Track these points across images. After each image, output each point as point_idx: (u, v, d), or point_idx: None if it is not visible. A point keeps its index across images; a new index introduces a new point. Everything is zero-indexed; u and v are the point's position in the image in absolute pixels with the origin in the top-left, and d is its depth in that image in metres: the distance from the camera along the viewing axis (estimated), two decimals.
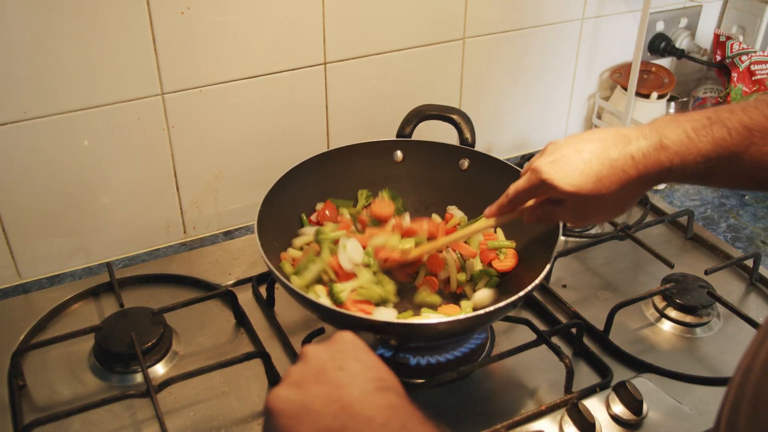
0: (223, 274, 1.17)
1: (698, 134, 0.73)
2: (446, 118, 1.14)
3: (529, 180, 0.83)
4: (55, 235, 1.16)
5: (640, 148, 0.75)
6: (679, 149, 0.73)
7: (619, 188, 0.76)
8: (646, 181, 0.76)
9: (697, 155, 0.73)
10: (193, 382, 0.94)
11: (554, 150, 0.81)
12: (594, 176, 0.76)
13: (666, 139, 0.74)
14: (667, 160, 0.74)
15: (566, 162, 0.78)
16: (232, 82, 1.17)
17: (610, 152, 0.76)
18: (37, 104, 1.05)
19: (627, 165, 0.75)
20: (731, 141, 0.72)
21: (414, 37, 1.30)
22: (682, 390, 0.95)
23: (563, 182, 0.77)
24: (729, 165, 0.73)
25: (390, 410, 0.57)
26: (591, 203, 0.78)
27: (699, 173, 0.74)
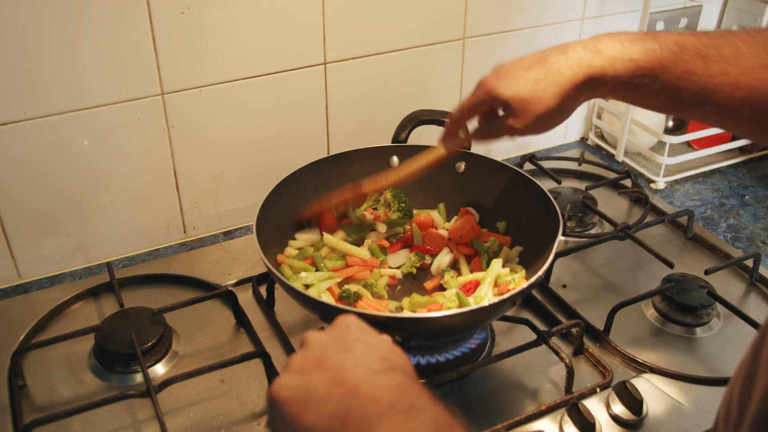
0: (223, 274, 1.17)
1: (632, 44, 0.78)
2: (441, 122, 1.14)
3: (474, 95, 0.88)
4: (55, 235, 1.16)
5: (576, 52, 0.79)
6: (612, 54, 0.77)
7: (555, 90, 0.80)
8: (580, 84, 0.79)
9: (627, 61, 0.77)
10: (193, 382, 0.94)
11: (500, 67, 0.86)
12: (532, 80, 0.81)
13: (601, 45, 0.78)
14: (599, 64, 0.78)
15: (508, 72, 0.84)
16: (232, 82, 1.17)
17: (549, 59, 0.81)
18: (37, 104, 1.05)
19: (563, 67, 0.79)
20: (660, 53, 0.76)
21: (414, 37, 1.30)
22: (682, 390, 0.95)
23: (503, 88, 0.83)
24: (656, 77, 0.76)
25: (397, 390, 0.56)
26: (529, 108, 0.82)
27: (626, 83, 0.78)
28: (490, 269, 1.01)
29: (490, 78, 0.85)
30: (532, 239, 1.05)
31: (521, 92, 0.82)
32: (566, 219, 1.28)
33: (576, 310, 1.08)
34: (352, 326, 0.65)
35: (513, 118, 0.84)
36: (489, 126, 0.90)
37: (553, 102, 0.81)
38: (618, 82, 0.78)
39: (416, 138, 1.17)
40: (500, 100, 0.84)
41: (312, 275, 0.99)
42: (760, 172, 1.52)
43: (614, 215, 1.29)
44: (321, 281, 0.99)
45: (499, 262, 1.01)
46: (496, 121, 0.88)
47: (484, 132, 0.91)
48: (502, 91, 0.83)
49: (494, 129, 0.89)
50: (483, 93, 0.86)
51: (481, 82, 0.87)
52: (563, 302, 1.09)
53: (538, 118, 0.83)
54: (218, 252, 1.23)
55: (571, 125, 1.62)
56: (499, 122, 0.87)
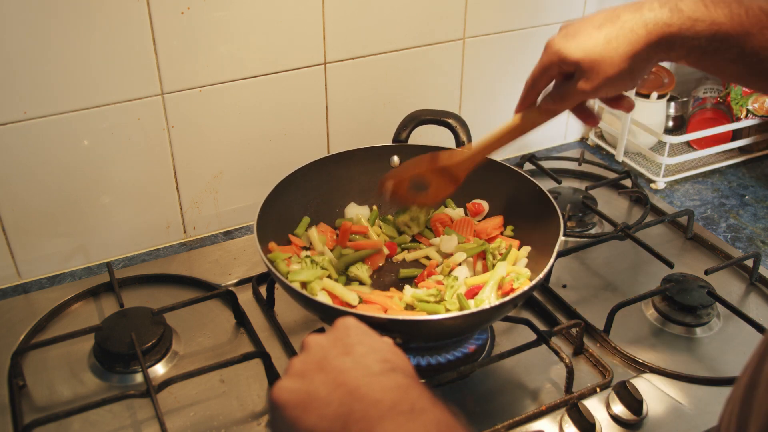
0: (223, 274, 1.17)
1: (716, 7, 0.73)
2: (442, 122, 1.14)
3: (542, 59, 0.82)
4: (55, 235, 1.16)
5: (653, 10, 0.74)
6: (693, 14, 0.73)
7: (628, 50, 0.75)
8: (654, 45, 0.75)
9: (710, 24, 0.72)
10: (193, 382, 0.94)
11: (567, 25, 0.81)
12: (603, 39, 0.75)
13: (682, 4, 0.73)
14: (678, 23, 0.73)
15: (577, 31, 0.78)
16: (232, 82, 1.17)
17: (622, 16, 0.76)
18: (37, 104, 1.05)
19: (637, 25, 0.74)
20: (747, 19, 0.71)
21: (414, 37, 1.30)
22: (682, 390, 0.95)
23: (572, 48, 0.77)
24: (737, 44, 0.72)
25: (397, 391, 0.56)
26: (599, 69, 0.77)
27: (704, 46, 0.74)
28: (495, 271, 1.00)
29: (558, 38, 0.80)
30: (532, 240, 1.05)
31: (591, 53, 0.76)
32: (566, 219, 1.28)
33: (576, 310, 1.08)
34: (352, 328, 0.65)
35: (583, 81, 0.78)
36: (559, 90, 0.84)
37: (625, 63, 0.76)
38: (695, 44, 0.73)
39: (417, 138, 1.17)
40: (569, 62, 0.78)
41: (306, 271, 0.99)
42: (760, 172, 1.52)
43: (614, 215, 1.29)
44: (315, 277, 0.99)
45: (503, 265, 1.00)
46: (566, 84, 0.82)
47: (555, 97, 0.85)
48: (571, 52, 0.77)
49: (564, 93, 0.83)
50: (551, 55, 0.80)
51: (548, 43, 0.81)
52: (563, 302, 1.09)
53: (608, 80, 0.78)
54: (218, 252, 1.23)
55: (571, 125, 1.62)
56: (569, 85, 0.81)
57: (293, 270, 0.98)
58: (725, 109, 1.55)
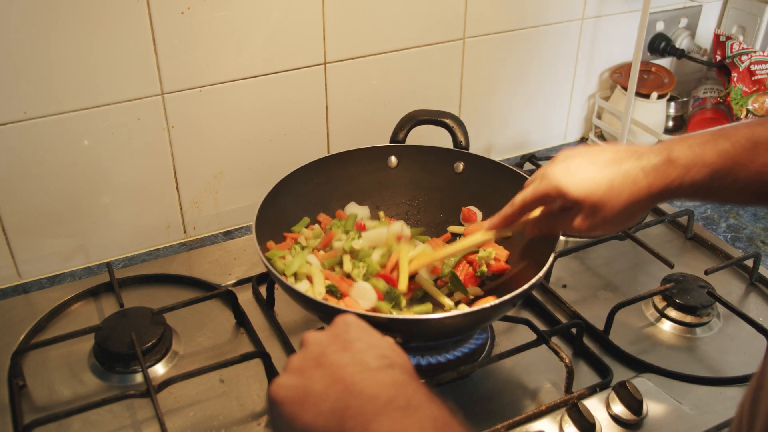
0: (223, 274, 1.17)
1: (703, 148, 0.75)
2: (439, 122, 1.14)
3: (539, 187, 0.83)
4: (55, 235, 1.16)
5: (651, 162, 0.76)
6: (686, 162, 0.75)
7: (628, 198, 0.77)
8: (654, 195, 0.77)
9: (702, 167, 0.75)
10: (192, 382, 0.94)
11: (566, 158, 0.82)
12: (606, 183, 0.77)
13: (673, 154, 0.76)
14: (675, 174, 0.76)
15: (578, 169, 0.79)
16: (232, 82, 1.17)
17: (623, 163, 0.77)
18: (37, 104, 1.05)
19: (638, 177, 0.77)
20: (735, 152, 0.74)
21: (414, 37, 1.30)
22: (682, 390, 0.95)
23: (575, 187, 0.78)
24: (734, 177, 0.75)
25: (394, 387, 0.56)
26: (599, 211, 0.78)
27: (705, 187, 0.76)
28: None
29: (559, 172, 0.80)
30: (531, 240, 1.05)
31: (594, 195, 0.77)
32: None
33: (576, 310, 1.08)
34: (352, 325, 0.65)
35: (582, 219, 0.80)
36: (551, 221, 0.86)
37: (626, 209, 0.78)
38: (696, 188, 0.76)
39: (416, 138, 1.17)
40: (570, 199, 0.79)
41: (297, 259, 0.99)
42: None
43: None
44: (304, 260, 0.99)
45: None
46: (561, 218, 0.84)
47: (545, 226, 0.87)
48: (573, 191, 0.78)
49: (557, 225, 0.85)
50: (550, 188, 0.81)
51: (547, 174, 0.82)
52: (563, 302, 1.09)
53: (607, 222, 0.80)
54: (218, 252, 1.23)
55: (571, 125, 1.62)
56: (564, 220, 0.83)
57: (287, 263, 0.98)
58: (725, 109, 1.55)
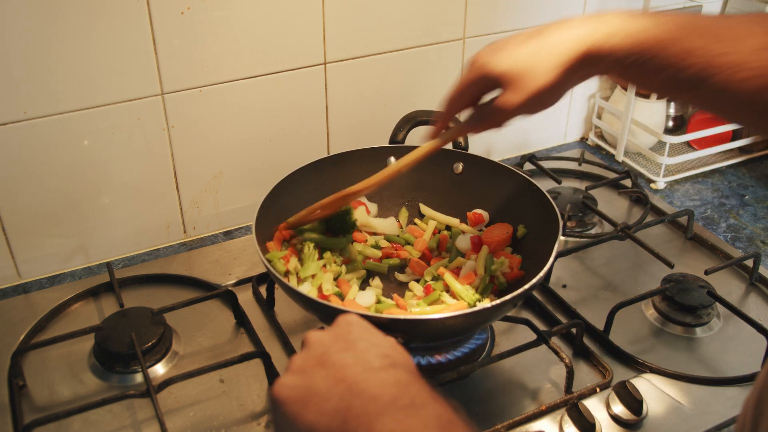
0: (223, 274, 1.17)
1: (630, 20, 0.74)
2: None
3: (466, 75, 0.82)
4: (55, 235, 1.16)
5: (575, 27, 0.76)
6: (609, 30, 0.74)
7: (552, 63, 0.76)
8: (577, 59, 0.76)
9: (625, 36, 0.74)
10: (193, 382, 0.94)
11: (493, 43, 0.81)
12: (527, 53, 0.76)
13: (599, 22, 0.75)
14: (595, 38, 0.75)
15: (503, 46, 0.79)
16: (232, 82, 1.17)
17: (546, 32, 0.77)
18: (37, 104, 1.05)
19: (560, 41, 0.76)
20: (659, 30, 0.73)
21: (414, 37, 1.30)
22: (682, 390, 0.95)
23: (497, 61, 0.77)
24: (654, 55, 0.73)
25: (397, 387, 0.56)
26: (526, 81, 0.77)
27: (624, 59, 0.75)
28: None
29: (483, 53, 0.80)
30: (532, 240, 1.05)
31: (517, 65, 0.77)
32: (566, 219, 1.28)
33: (576, 310, 1.08)
34: (354, 325, 0.65)
35: (510, 93, 0.78)
36: (482, 110, 0.84)
37: (550, 76, 0.76)
38: (615, 58, 0.75)
39: (415, 139, 1.17)
40: (494, 75, 0.78)
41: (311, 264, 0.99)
42: (760, 172, 1.52)
43: (614, 215, 1.29)
44: (319, 267, 0.99)
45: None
46: (492, 102, 0.82)
47: (478, 118, 0.85)
48: (496, 65, 0.78)
49: (488, 112, 0.82)
50: (476, 69, 0.80)
51: (472, 59, 0.81)
52: (563, 302, 1.09)
53: (534, 94, 0.78)
54: (218, 252, 1.23)
55: (571, 125, 1.62)
56: (493, 103, 0.81)
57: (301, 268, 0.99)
58: None
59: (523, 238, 1.06)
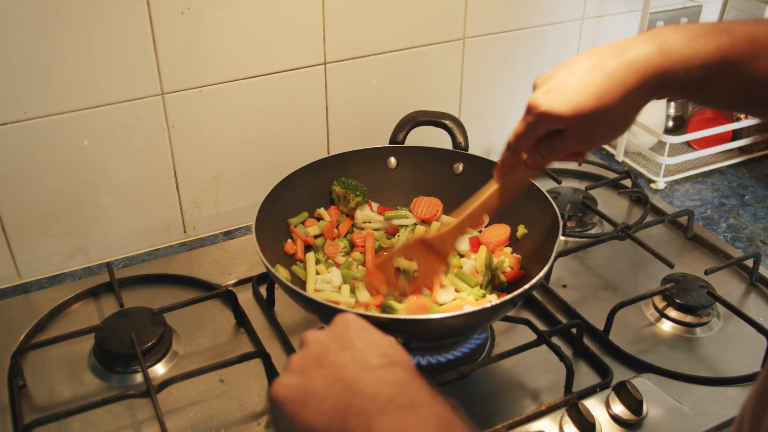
0: (223, 274, 1.17)
1: (701, 40, 0.69)
2: (439, 123, 1.14)
3: (528, 120, 0.76)
4: (55, 235, 1.16)
5: (638, 55, 0.69)
6: (681, 55, 0.68)
7: (620, 101, 0.70)
8: (646, 90, 0.71)
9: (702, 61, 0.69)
10: (193, 382, 0.94)
11: (545, 80, 0.75)
12: (592, 93, 0.70)
13: (666, 45, 0.69)
14: (667, 66, 0.69)
15: (561, 88, 0.72)
16: (232, 82, 1.17)
17: (606, 65, 0.70)
18: (37, 104, 1.05)
19: (625, 75, 0.70)
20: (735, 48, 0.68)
21: (414, 37, 1.30)
22: (682, 390, 0.95)
23: (563, 107, 0.71)
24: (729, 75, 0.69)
25: (396, 385, 0.56)
26: (594, 123, 0.73)
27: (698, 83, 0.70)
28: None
29: (542, 97, 0.73)
30: (532, 240, 1.05)
31: (584, 109, 0.70)
32: (566, 219, 1.28)
33: (576, 310, 1.08)
34: (352, 324, 0.65)
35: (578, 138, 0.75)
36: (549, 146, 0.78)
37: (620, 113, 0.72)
38: (687, 82, 0.70)
39: (416, 139, 1.17)
40: (561, 121, 0.72)
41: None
42: (760, 172, 1.52)
43: (614, 215, 1.29)
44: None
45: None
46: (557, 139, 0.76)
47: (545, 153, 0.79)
48: (563, 112, 0.71)
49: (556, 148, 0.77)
50: (538, 116, 0.74)
51: (531, 104, 0.74)
52: (563, 302, 1.09)
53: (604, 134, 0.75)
54: (218, 252, 1.23)
55: None
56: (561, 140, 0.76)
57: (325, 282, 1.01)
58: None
59: (523, 238, 1.06)
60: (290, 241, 1.07)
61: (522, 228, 1.06)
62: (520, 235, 1.06)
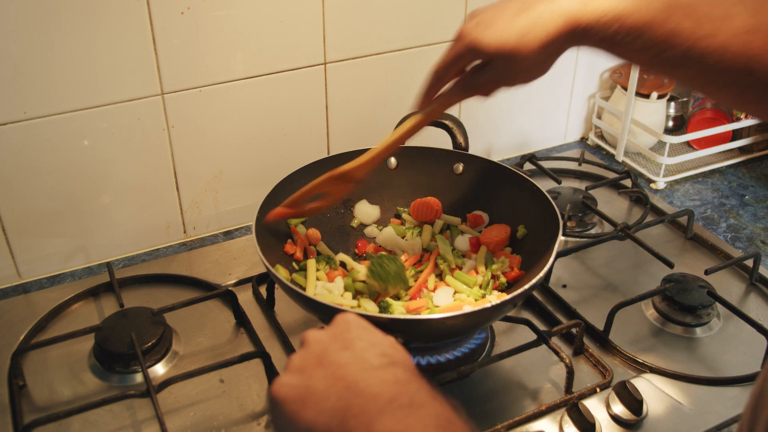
0: (223, 274, 1.17)
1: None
2: (439, 123, 1.14)
3: (453, 48, 0.81)
4: (55, 235, 1.16)
5: (562, 5, 0.74)
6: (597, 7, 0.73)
7: (542, 43, 0.75)
8: (564, 37, 0.75)
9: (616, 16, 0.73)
10: (192, 382, 0.94)
11: (477, 14, 0.80)
12: (517, 31, 0.75)
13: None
14: (585, 17, 0.74)
15: (490, 22, 0.77)
16: (232, 82, 1.17)
17: (534, 9, 0.75)
18: (37, 104, 1.05)
19: (547, 21, 0.75)
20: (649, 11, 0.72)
21: (414, 37, 1.30)
22: (682, 390, 0.95)
23: (487, 40, 0.76)
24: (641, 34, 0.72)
25: (396, 385, 0.56)
26: (514, 61, 0.77)
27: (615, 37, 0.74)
28: None
29: (471, 28, 0.78)
30: (532, 240, 1.05)
31: (507, 43, 0.76)
32: (566, 219, 1.28)
33: (576, 310, 1.08)
34: (352, 324, 0.65)
35: (498, 72, 0.79)
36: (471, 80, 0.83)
37: (539, 54, 0.76)
38: (602, 36, 0.75)
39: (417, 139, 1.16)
40: (484, 51, 0.78)
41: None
42: (760, 172, 1.52)
43: (614, 215, 1.29)
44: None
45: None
46: (478, 74, 0.82)
47: (465, 87, 0.85)
48: (487, 43, 0.76)
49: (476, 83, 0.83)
50: (464, 45, 0.79)
51: (460, 33, 0.80)
52: (563, 302, 1.09)
53: (522, 70, 0.79)
54: (218, 252, 1.23)
55: (571, 125, 1.62)
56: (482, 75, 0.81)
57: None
58: (725, 108, 1.55)
59: (523, 238, 1.06)
60: (290, 241, 1.07)
61: (522, 228, 1.06)
62: (520, 235, 1.06)
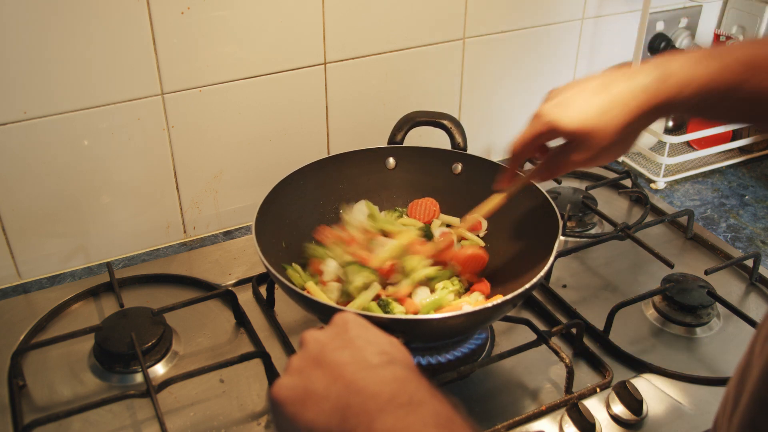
0: (223, 274, 1.17)
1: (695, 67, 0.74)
2: (437, 123, 1.14)
3: (533, 127, 0.82)
4: (55, 235, 1.16)
5: (642, 82, 0.75)
6: (678, 81, 0.74)
7: (623, 121, 0.76)
8: (646, 114, 0.76)
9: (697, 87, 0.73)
10: (192, 382, 0.94)
11: (556, 94, 0.81)
12: (597, 111, 0.76)
13: (666, 72, 0.75)
14: (666, 93, 0.74)
15: (569, 102, 0.78)
16: (232, 82, 1.17)
17: (613, 87, 0.76)
18: (37, 104, 1.05)
19: (628, 98, 0.75)
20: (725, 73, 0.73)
21: (414, 37, 1.30)
22: (682, 390, 0.95)
23: (567, 120, 0.77)
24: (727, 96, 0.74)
25: (395, 384, 0.56)
26: (594, 140, 0.77)
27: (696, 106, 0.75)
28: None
29: (550, 108, 0.79)
30: (532, 239, 1.05)
31: (587, 124, 0.76)
32: (566, 219, 1.28)
33: (576, 310, 1.08)
34: (351, 323, 0.65)
35: (579, 152, 0.80)
36: (552, 161, 0.85)
37: (620, 134, 0.77)
38: (687, 106, 0.75)
39: (415, 139, 1.17)
40: (564, 132, 0.79)
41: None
42: (760, 172, 1.52)
43: (614, 215, 1.29)
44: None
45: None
46: (560, 155, 0.83)
47: (547, 169, 0.87)
48: (566, 123, 0.77)
49: (557, 164, 0.84)
50: (543, 125, 0.80)
51: (539, 113, 0.81)
52: (563, 302, 1.09)
53: (604, 150, 0.79)
54: (218, 252, 1.23)
55: None
56: (562, 156, 0.82)
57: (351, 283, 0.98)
58: None
59: (523, 239, 1.07)
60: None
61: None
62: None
